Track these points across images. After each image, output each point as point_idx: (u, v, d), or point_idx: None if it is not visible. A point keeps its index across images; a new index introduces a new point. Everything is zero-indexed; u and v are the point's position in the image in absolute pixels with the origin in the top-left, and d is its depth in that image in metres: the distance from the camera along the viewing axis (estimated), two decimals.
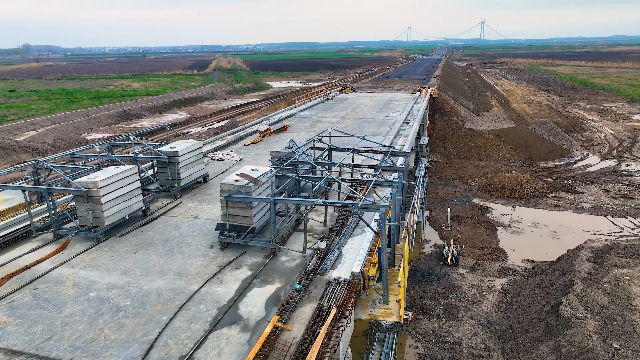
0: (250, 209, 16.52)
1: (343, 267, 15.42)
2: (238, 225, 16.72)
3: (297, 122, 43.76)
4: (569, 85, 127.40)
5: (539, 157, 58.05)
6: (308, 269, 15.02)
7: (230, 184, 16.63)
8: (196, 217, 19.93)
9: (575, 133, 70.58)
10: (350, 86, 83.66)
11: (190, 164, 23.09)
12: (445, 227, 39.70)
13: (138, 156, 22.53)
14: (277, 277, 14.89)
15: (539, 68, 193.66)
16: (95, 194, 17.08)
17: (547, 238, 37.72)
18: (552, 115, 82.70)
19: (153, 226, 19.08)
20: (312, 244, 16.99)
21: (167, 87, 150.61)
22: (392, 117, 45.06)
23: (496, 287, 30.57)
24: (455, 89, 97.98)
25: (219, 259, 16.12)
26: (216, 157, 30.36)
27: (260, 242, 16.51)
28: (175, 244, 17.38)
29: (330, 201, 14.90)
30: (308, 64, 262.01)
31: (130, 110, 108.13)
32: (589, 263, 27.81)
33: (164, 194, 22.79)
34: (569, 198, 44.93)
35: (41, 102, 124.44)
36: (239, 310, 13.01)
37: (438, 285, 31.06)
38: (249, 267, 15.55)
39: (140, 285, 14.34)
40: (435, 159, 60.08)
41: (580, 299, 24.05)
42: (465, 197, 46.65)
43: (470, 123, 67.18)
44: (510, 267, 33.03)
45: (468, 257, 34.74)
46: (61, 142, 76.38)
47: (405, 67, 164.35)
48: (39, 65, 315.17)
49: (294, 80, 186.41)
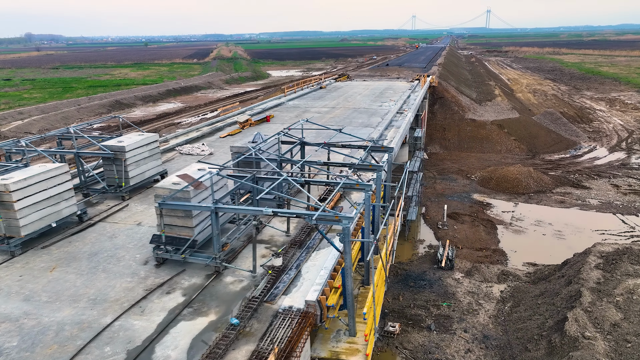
0: (191, 218, 13.62)
1: (299, 291, 12.51)
2: (177, 237, 13.84)
3: (284, 112, 40.72)
4: (576, 74, 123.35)
5: (543, 149, 54.87)
6: (253, 296, 12.12)
7: (165, 188, 13.71)
8: (139, 224, 16.99)
9: (582, 124, 67.24)
10: (346, 74, 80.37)
11: (142, 160, 20.11)
12: (442, 226, 36.77)
13: (80, 152, 19.61)
14: (215, 305, 11.99)
15: (545, 57, 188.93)
16: (7, 199, 14.19)
17: (551, 238, 34.78)
18: (558, 105, 79.19)
19: (86, 235, 16.19)
20: (267, 260, 14.10)
21: (165, 76, 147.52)
22: (386, 107, 41.98)
23: (494, 295, 27.66)
24: (458, 78, 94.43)
25: (150, 279, 13.24)
26: (184, 151, 27.42)
27: (202, 258, 13.61)
28: (104, 258, 14.48)
29: (282, 211, 11.97)
30: (310, 52, 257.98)
31: (122, 100, 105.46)
32: (598, 270, 24.84)
33: (112, 195, 19.89)
34: (576, 194, 41.92)
35: (35, 91, 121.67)
36: (154, 356, 10.14)
37: (430, 292, 28.21)
38: (183, 291, 12.66)
39: (40, 316, 11.47)
40: (434, 151, 56.98)
41: (589, 314, 21.09)
42: (465, 192, 43.66)
43: (472, 113, 63.88)
44: (510, 271, 30.10)
45: (465, 260, 31.84)
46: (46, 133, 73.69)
47: (407, 55, 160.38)
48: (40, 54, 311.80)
49: (295, 69, 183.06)
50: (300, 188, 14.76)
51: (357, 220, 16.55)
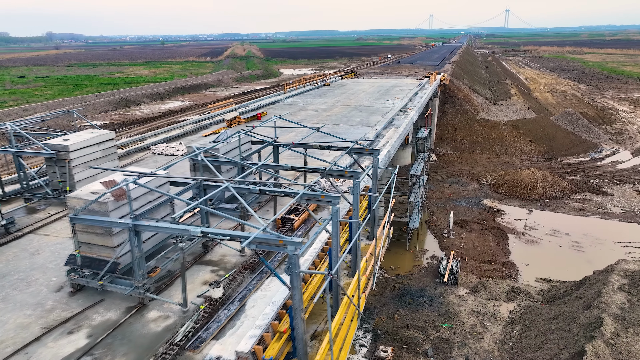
0: (111, 236, 10.94)
1: (235, 334, 9.72)
2: (97, 258, 11.18)
3: (279, 110, 38.01)
4: (597, 74, 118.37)
5: (561, 152, 51.29)
6: (172, 342, 9.37)
7: (80, 198, 11.06)
8: (72, 237, 14.38)
9: (603, 125, 63.31)
10: (354, 72, 77.48)
11: (92, 161, 17.51)
12: (447, 234, 33.72)
13: (20, 151, 17.10)
14: (123, 352, 9.26)
15: (565, 56, 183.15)
16: None
17: (568, 250, 31.59)
18: (577, 105, 75.14)
19: (5, 251, 13.61)
20: (206, 289, 11.33)
21: (177, 74, 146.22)
22: (389, 105, 39.00)
23: (502, 316, 24.59)
24: (472, 76, 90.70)
25: (56, 312, 10.58)
26: (158, 150, 24.82)
27: (123, 286, 10.89)
28: (12, 282, 11.86)
29: (213, 231, 9.19)
30: (324, 51, 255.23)
31: (129, 97, 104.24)
32: (622, 293, 21.63)
33: (57, 201, 17.35)
34: (596, 200, 38.50)
35: (46, 88, 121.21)
36: None
37: (430, 311, 25.26)
38: (90, 330, 9.97)
39: None
40: (444, 152, 53.79)
41: (611, 347, 17.92)
42: (474, 197, 40.48)
43: (486, 113, 60.41)
44: (521, 287, 26.97)
45: (470, 274, 28.79)
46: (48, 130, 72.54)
47: (421, 53, 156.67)
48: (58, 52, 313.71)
49: (307, 68, 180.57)
50: (245, 194, 11.97)
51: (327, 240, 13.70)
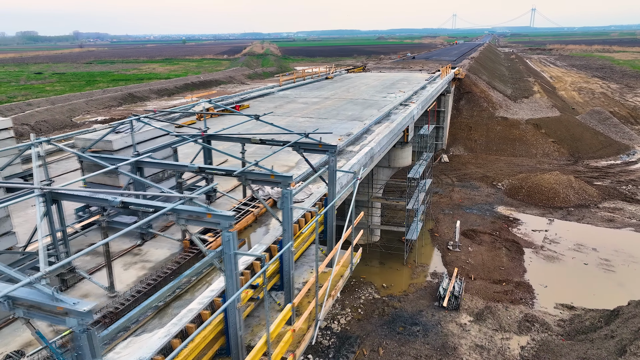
0: None
1: None
2: None
3: (265, 103, 34.24)
4: (629, 72, 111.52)
5: (588, 154, 46.18)
6: None
7: None
8: None
9: (637, 125, 57.75)
10: (362, 66, 73.34)
11: None
12: (453, 247, 29.27)
13: None
14: None
15: (594, 54, 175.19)
16: None
17: (595, 270, 26.90)
18: (607, 104, 69.41)
19: None
20: None
21: (191, 71, 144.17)
22: (391, 99, 34.75)
23: (512, 353, 20.14)
24: (492, 73, 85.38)
25: None
26: None
27: None
28: None
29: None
30: (343, 50, 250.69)
31: (136, 93, 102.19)
32: None
33: None
34: (629, 210, 33.63)
35: (59, 84, 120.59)
36: None
37: (423, 343, 20.96)
38: None
39: None
40: (457, 153, 49.16)
41: None
42: (487, 203, 35.93)
43: (504, 110, 55.47)
44: (537, 316, 22.40)
45: (476, 296, 24.34)
46: (44, 125, 70.61)
47: (440, 50, 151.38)
48: (82, 50, 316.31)
49: (324, 66, 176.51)
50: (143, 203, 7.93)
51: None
